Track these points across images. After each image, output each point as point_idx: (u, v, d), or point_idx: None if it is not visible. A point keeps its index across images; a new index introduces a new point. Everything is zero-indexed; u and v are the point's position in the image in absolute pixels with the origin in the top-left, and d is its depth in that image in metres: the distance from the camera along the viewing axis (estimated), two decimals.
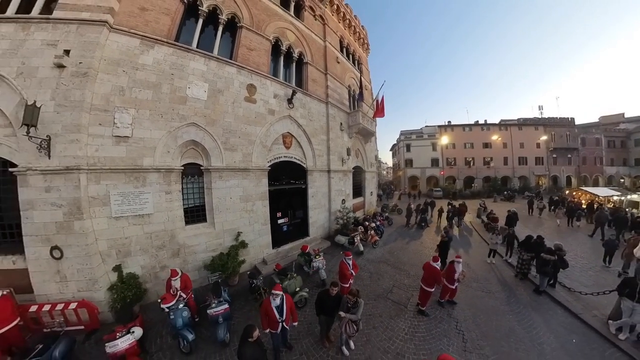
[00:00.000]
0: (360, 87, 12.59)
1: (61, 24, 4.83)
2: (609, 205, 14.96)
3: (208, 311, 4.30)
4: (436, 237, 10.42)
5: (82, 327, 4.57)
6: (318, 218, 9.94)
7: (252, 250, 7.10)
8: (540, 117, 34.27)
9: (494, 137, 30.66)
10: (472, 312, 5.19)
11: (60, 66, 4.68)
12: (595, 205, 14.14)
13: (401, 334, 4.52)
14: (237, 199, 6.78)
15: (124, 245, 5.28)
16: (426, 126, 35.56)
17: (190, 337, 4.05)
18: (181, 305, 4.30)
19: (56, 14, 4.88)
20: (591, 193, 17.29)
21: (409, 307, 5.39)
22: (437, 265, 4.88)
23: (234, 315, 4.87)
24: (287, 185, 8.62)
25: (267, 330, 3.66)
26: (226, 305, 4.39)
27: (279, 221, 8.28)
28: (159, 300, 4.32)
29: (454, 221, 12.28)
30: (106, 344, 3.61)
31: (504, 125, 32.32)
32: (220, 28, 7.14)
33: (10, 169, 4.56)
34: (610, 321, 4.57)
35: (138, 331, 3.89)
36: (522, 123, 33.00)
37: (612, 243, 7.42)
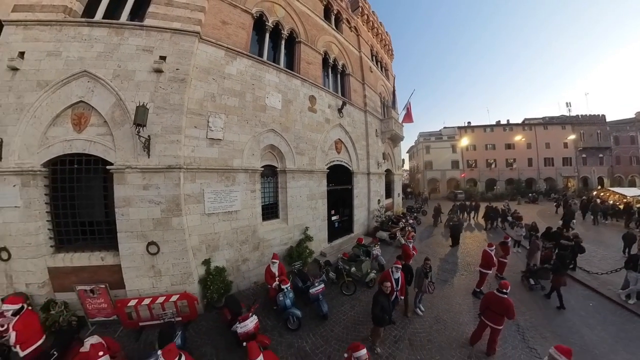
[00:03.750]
0: (394, 94, 14.60)
1: (155, 31, 5.69)
2: (637, 206, 16.49)
3: (310, 291, 5.50)
4: (464, 235, 12.47)
5: (180, 318, 5.09)
6: (360, 216, 11.89)
7: (314, 244, 8.76)
8: (567, 114, 34.95)
9: (517, 138, 32.16)
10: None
11: (159, 71, 5.48)
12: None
13: (456, 299, 6.46)
14: (305, 197, 8.64)
15: (213, 240, 6.24)
16: (445, 127, 37.46)
17: (299, 313, 5.11)
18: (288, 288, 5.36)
19: (148, 22, 5.74)
20: (619, 193, 18.99)
21: (454, 283, 7.40)
22: (492, 250, 6.71)
23: None
24: (338, 186, 10.55)
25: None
26: (323, 285, 5.73)
27: (332, 218, 10.21)
28: (278, 283, 5.44)
29: (471, 214, 17.24)
30: (237, 325, 4.37)
31: (528, 125, 33.70)
32: (283, 43, 8.82)
33: (107, 167, 5.14)
34: (620, 290, 6.42)
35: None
36: (548, 122, 33.99)
37: (630, 236, 9.25)
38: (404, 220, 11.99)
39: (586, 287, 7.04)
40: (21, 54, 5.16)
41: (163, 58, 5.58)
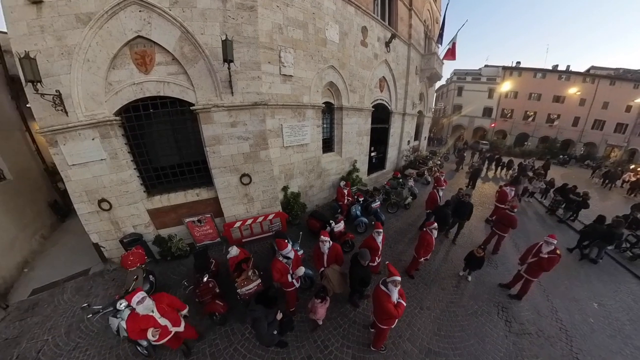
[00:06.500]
0: (443, 25, 14.30)
1: None
2: None
3: (372, 205, 7.79)
4: (482, 182, 14.72)
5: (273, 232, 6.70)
6: (392, 155, 13.90)
7: (359, 175, 10.78)
8: None
9: (572, 91, 29.21)
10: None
11: None
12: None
13: (472, 223, 8.89)
14: (355, 133, 10.28)
15: (289, 169, 7.79)
16: (486, 66, 34.51)
17: (367, 220, 7.58)
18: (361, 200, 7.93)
19: None
20: None
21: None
22: (508, 189, 8.71)
23: None
24: (378, 125, 12.05)
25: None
26: (379, 202, 8.18)
27: (371, 154, 12.15)
28: (355, 197, 7.97)
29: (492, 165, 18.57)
30: (334, 225, 6.38)
31: (591, 75, 29.35)
32: None
33: (192, 108, 5.44)
34: None
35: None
36: (619, 76, 29.32)
37: (638, 206, 11.10)
38: (431, 162, 14.05)
39: (578, 233, 9.24)
40: None
41: None
